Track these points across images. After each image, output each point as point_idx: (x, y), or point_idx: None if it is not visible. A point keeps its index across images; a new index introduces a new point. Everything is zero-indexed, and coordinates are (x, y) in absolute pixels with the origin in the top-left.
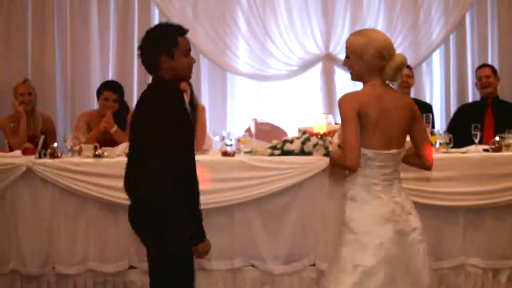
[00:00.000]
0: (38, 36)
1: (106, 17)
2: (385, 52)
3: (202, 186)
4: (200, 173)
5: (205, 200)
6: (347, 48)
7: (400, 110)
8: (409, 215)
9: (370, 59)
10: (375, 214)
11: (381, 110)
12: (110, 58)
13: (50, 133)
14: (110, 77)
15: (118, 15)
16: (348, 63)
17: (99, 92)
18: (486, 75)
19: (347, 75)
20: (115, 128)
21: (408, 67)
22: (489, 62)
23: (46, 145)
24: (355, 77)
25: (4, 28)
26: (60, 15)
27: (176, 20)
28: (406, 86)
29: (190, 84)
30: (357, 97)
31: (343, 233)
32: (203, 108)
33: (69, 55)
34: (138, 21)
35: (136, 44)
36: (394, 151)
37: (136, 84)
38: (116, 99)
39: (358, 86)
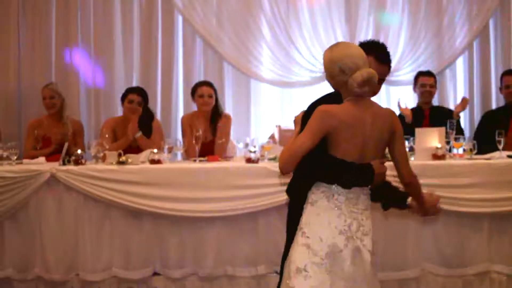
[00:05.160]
0: (62, 44)
1: (130, 24)
2: (344, 66)
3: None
4: None
5: (228, 207)
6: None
7: (376, 122)
8: (365, 236)
9: (335, 75)
10: (330, 224)
11: (354, 125)
12: (134, 65)
13: (79, 137)
14: (134, 84)
15: (142, 23)
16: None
17: (124, 96)
18: None
19: None
20: (139, 133)
21: (432, 75)
22: None
23: (76, 148)
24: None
25: (28, 34)
26: (84, 21)
27: (200, 27)
28: (428, 95)
29: (215, 91)
30: (332, 116)
31: (297, 236)
32: (229, 118)
33: (93, 61)
34: (161, 28)
35: (160, 51)
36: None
37: (160, 91)
38: (140, 102)
39: (383, 92)
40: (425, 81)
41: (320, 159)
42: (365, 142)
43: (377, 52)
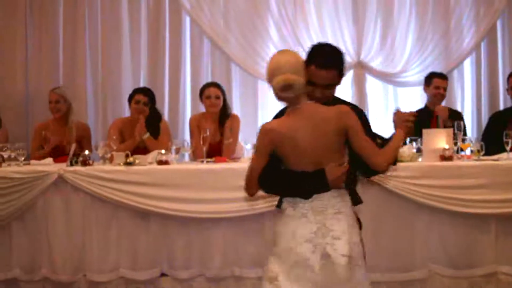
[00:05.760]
0: (69, 44)
1: (137, 26)
2: (274, 71)
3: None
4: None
5: (235, 208)
6: None
7: (319, 126)
8: (337, 240)
9: (268, 81)
10: (295, 232)
11: (293, 135)
12: (141, 67)
13: (86, 141)
14: (141, 85)
15: (149, 24)
16: None
17: (131, 97)
18: None
19: (378, 83)
20: (147, 134)
21: (446, 78)
22: None
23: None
24: None
25: (35, 34)
26: (91, 23)
27: (207, 28)
28: (440, 98)
29: (223, 92)
30: (270, 132)
31: (272, 245)
32: (237, 118)
33: (100, 63)
34: (169, 29)
35: (167, 52)
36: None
37: (167, 92)
38: (147, 102)
39: (390, 93)
40: (440, 84)
41: (273, 177)
42: (314, 149)
43: (315, 59)
